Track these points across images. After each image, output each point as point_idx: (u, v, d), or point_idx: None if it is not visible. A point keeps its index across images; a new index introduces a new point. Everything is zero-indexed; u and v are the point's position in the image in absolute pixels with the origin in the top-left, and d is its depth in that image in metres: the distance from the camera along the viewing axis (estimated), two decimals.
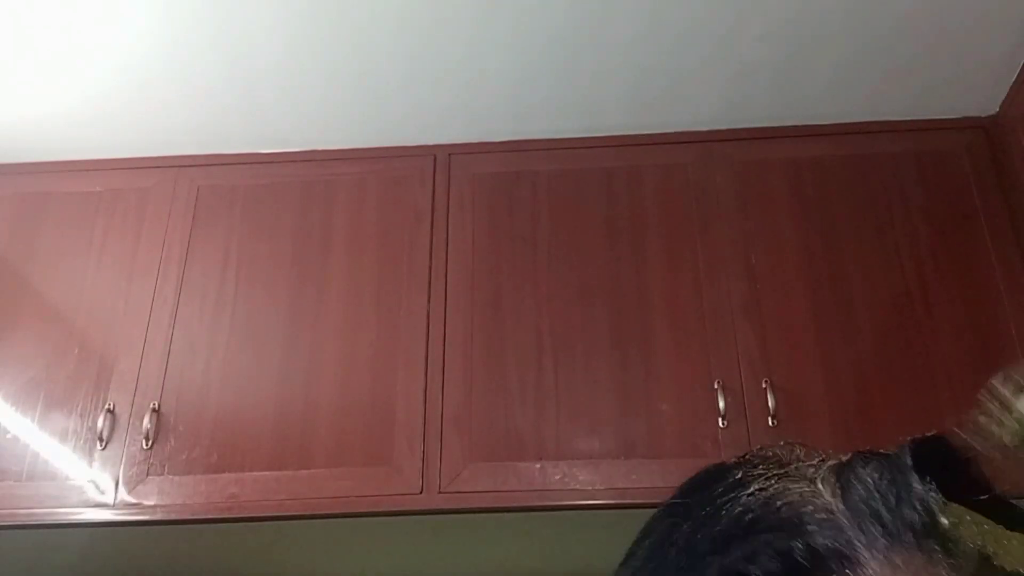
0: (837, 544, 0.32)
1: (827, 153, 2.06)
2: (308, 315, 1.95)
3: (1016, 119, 1.96)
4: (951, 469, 0.34)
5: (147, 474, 1.81)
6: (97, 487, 1.80)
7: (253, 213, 2.08)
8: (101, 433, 1.83)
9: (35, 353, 1.94)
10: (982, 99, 2.03)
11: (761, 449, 0.41)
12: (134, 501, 1.79)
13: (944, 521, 0.31)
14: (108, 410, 1.86)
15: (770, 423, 1.75)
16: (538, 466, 1.77)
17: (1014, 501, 0.34)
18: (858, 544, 0.32)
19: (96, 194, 2.12)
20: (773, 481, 0.36)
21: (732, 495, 0.37)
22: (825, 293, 1.89)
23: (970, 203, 1.98)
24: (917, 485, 0.32)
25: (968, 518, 0.31)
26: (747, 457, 0.40)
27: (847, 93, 2.02)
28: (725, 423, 1.76)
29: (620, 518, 1.71)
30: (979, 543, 0.30)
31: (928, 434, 0.35)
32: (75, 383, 1.91)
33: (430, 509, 1.77)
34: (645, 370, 1.85)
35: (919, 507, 0.32)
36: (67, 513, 1.79)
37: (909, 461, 0.33)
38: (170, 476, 1.80)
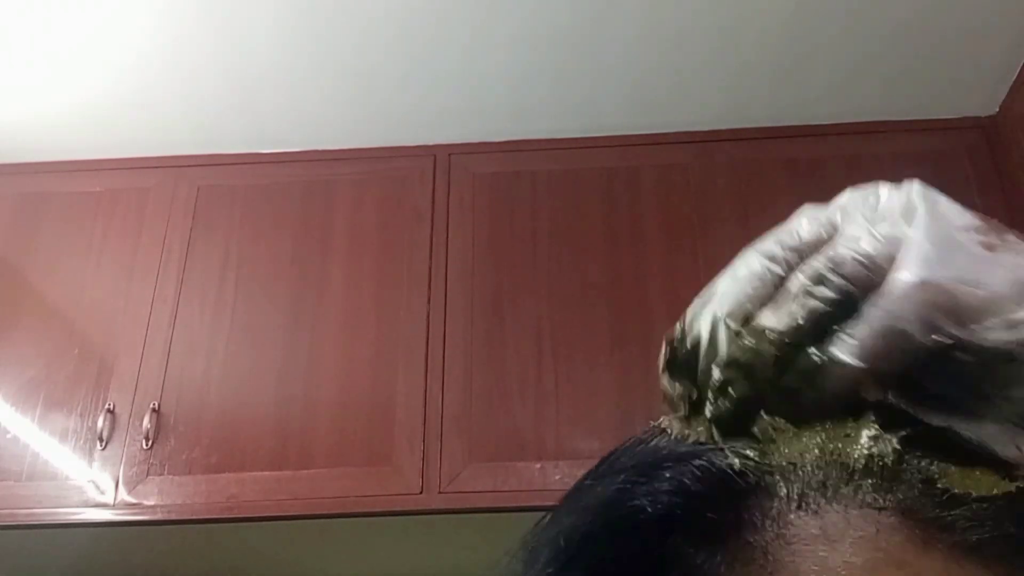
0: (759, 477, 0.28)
1: (827, 153, 2.06)
2: (308, 315, 1.95)
3: (1016, 119, 1.96)
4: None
5: (147, 474, 1.81)
6: (97, 487, 1.80)
7: (253, 213, 2.08)
8: (101, 433, 1.83)
9: (35, 353, 1.94)
10: (982, 99, 2.03)
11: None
12: (134, 501, 1.79)
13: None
14: (108, 410, 1.86)
15: None
16: (538, 466, 1.77)
17: None
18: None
19: (96, 194, 2.12)
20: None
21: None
22: None
23: (970, 203, 1.95)
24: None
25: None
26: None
27: (847, 93, 2.02)
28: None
29: None
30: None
31: None
32: (75, 383, 1.91)
33: (430, 509, 1.77)
34: (645, 370, 1.85)
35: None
36: (67, 513, 1.79)
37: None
38: (170, 476, 1.80)
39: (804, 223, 0.32)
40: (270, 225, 2.06)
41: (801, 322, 0.29)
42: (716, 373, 0.30)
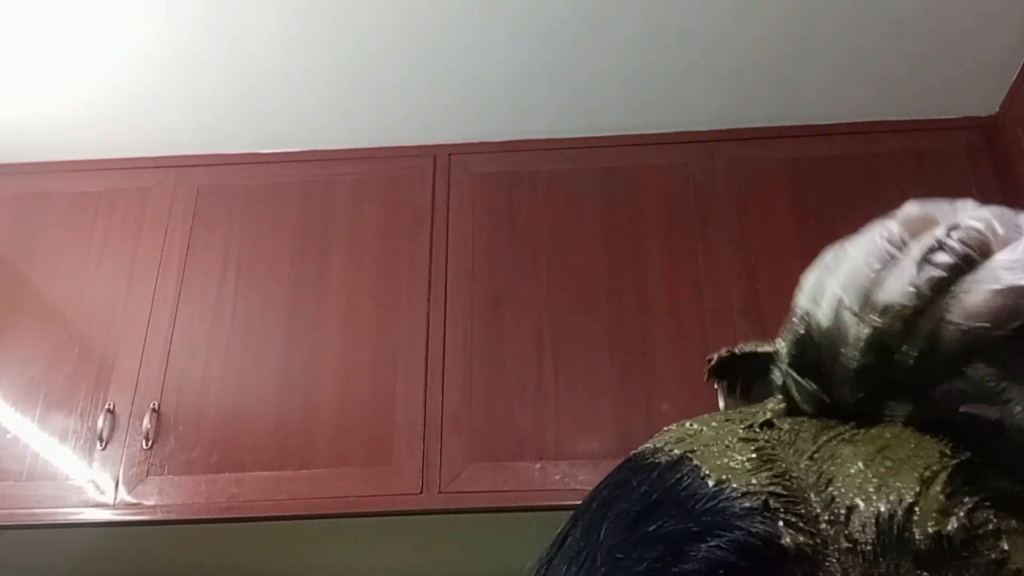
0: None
1: (827, 153, 2.06)
2: (308, 315, 1.95)
3: (1016, 119, 1.96)
4: None
5: (147, 474, 1.81)
6: (97, 487, 1.80)
7: (253, 213, 2.08)
8: (101, 433, 1.83)
9: (35, 353, 1.94)
10: (982, 99, 2.03)
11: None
12: (134, 501, 1.79)
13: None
14: (108, 410, 1.86)
15: None
16: (538, 466, 1.77)
17: None
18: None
19: (96, 194, 2.12)
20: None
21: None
22: None
23: None
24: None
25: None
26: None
27: (847, 93, 2.02)
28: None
29: None
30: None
31: None
32: (75, 383, 1.91)
33: (430, 509, 1.77)
34: (645, 370, 1.85)
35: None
36: (67, 513, 1.79)
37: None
38: (170, 476, 1.80)
39: (915, 207, 0.31)
40: (270, 225, 2.06)
41: (923, 291, 0.27)
42: (849, 362, 0.29)
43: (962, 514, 0.24)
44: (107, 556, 2.02)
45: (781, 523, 0.25)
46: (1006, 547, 0.24)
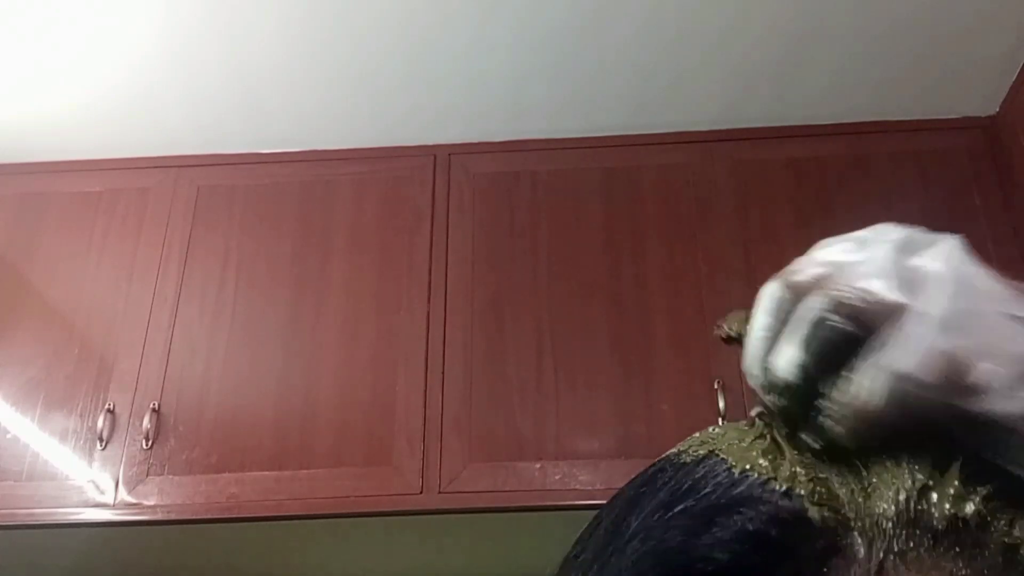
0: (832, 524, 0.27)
1: (827, 153, 2.06)
2: (308, 315, 1.95)
3: (1016, 119, 1.96)
4: None
5: (147, 474, 1.81)
6: (97, 487, 1.80)
7: (253, 213, 2.08)
8: (101, 433, 1.83)
9: (35, 353, 1.94)
10: (982, 99, 2.03)
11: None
12: (134, 501, 1.79)
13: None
14: (108, 410, 1.86)
15: None
16: (538, 466, 1.77)
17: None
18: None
19: (96, 194, 2.12)
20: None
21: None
22: None
23: (970, 203, 1.97)
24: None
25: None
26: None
27: (847, 93, 2.02)
28: (725, 423, 1.75)
29: None
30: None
31: None
32: (75, 383, 1.91)
33: (430, 509, 1.77)
34: (645, 370, 1.85)
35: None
36: (67, 513, 1.79)
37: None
38: (170, 476, 1.80)
39: (813, 260, 0.32)
40: (270, 225, 2.06)
41: (809, 360, 0.29)
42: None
43: (978, 499, 0.26)
44: (107, 556, 2.02)
45: (806, 501, 0.27)
46: (1018, 534, 0.26)
